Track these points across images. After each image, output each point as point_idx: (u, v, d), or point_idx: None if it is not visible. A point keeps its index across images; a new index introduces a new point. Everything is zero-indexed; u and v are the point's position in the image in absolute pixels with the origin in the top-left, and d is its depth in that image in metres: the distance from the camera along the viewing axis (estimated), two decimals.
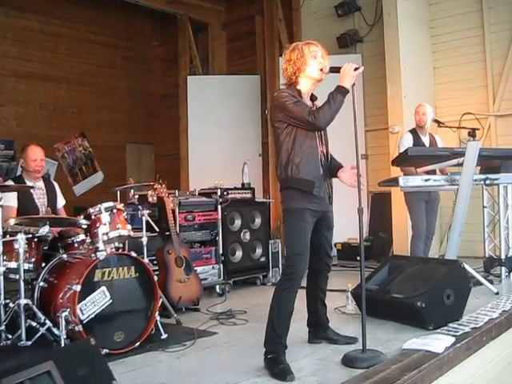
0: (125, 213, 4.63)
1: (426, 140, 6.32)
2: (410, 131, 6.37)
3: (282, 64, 3.89)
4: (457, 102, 8.13)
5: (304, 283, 3.88)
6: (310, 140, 3.73)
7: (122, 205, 4.65)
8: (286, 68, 3.81)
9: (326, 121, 3.64)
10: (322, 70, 3.75)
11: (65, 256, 4.52)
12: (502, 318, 4.34)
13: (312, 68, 3.76)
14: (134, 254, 4.35)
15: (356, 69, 3.63)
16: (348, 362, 3.53)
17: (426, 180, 5.56)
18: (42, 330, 4.02)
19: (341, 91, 3.62)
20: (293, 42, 4.02)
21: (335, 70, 3.72)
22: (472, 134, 5.44)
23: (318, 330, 4.12)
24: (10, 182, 5.05)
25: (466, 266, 4.75)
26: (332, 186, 3.91)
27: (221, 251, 6.45)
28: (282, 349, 3.61)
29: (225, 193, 6.54)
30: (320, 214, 3.80)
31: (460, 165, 5.51)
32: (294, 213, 3.72)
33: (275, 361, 3.52)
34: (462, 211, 5.41)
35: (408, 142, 6.16)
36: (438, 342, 3.67)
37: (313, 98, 3.93)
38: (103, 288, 4.09)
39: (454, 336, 3.84)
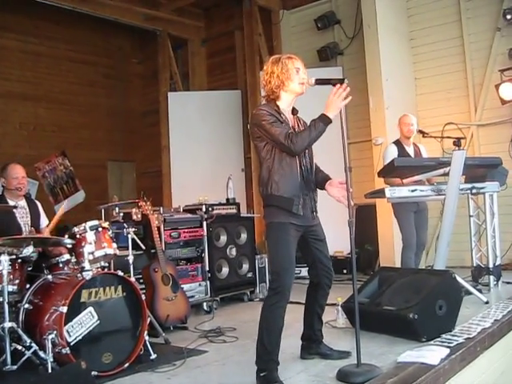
0: (110, 231, 4.56)
1: (410, 150, 6.29)
2: (394, 143, 6.34)
3: (263, 76, 3.84)
4: (438, 113, 8.17)
5: (293, 298, 3.82)
6: (290, 157, 3.70)
7: (108, 223, 4.58)
8: (269, 81, 3.76)
9: (303, 147, 3.64)
10: (302, 83, 3.74)
11: (49, 277, 4.43)
12: (494, 328, 4.31)
13: (295, 82, 3.74)
14: (120, 273, 4.26)
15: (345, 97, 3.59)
16: (343, 377, 3.47)
17: (413, 190, 5.54)
18: (28, 353, 3.91)
19: (324, 120, 3.58)
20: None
21: (321, 82, 3.72)
22: (457, 143, 5.43)
23: (311, 344, 4.06)
24: None
25: (456, 276, 4.71)
26: (316, 200, 3.87)
27: (207, 268, 6.39)
28: (274, 365, 3.55)
29: (210, 209, 6.49)
30: (304, 228, 3.76)
31: (446, 174, 5.50)
32: (276, 227, 3.68)
33: (268, 379, 3.46)
34: (449, 221, 5.39)
35: (393, 153, 6.12)
36: (432, 353, 3.62)
37: (294, 111, 3.90)
38: (90, 309, 4.00)
39: (448, 347, 3.80)
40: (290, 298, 3.64)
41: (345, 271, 8.02)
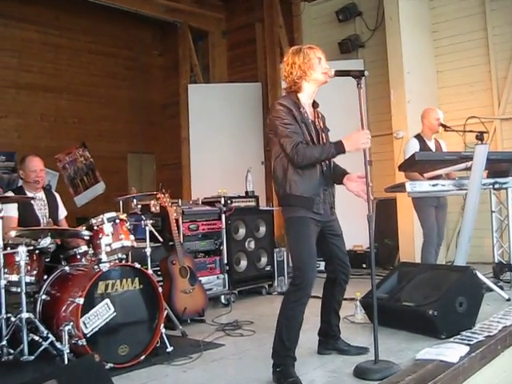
0: (128, 223, 4.55)
1: (431, 145, 6.21)
2: (416, 137, 6.24)
3: (284, 67, 3.77)
4: (461, 106, 8.03)
5: (313, 292, 3.77)
6: None
7: (125, 215, 4.57)
8: (291, 72, 3.69)
9: (305, 164, 3.55)
10: (325, 73, 3.68)
11: (67, 268, 4.44)
12: None
13: (318, 72, 3.67)
14: (137, 265, 4.25)
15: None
16: (360, 373, 3.42)
17: (434, 185, 5.46)
18: (45, 344, 3.93)
19: (338, 149, 3.52)
20: None
21: (341, 73, 3.68)
22: (480, 137, 5.32)
23: (329, 340, 4.02)
24: (10, 193, 4.96)
25: (477, 273, 4.64)
26: (334, 195, 3.82)
27: (225, 261, 6.37)
28: (291, 361, 3.50)
29: (228, 201, 6.46)
30: (322, 223, 3.70)
31: (468, 169, 5.41)
32: (296, 221, 3.61)
33: (284, 374, 3.42)
34: (471, 216, 5.30)
35: (414, 147, 6.03)
36: (451, 351, 3.57)
37: (314, 105, 3.84)
38: (107, 300, 4.00)
39: (467, 345, 3.74)
40: (311, 292, 3.58)
41: (364, 266, 7.97)
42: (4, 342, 3.90)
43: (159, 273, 5.42)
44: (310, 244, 3.59)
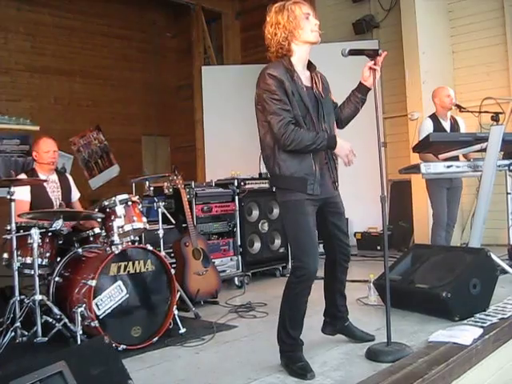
0: (140, 205, 4.55)
1: (447, 125, 6.14)
2: (430, 117, 6.19)
3: (267, 29, 3.37)
4: (477, 87, 7.93)
5: (319, 273, 3.67)
6: (299, 126, 3.27)
7: (137, 197, 4.57)
8: (275, 33, 3.29)
9: (291, 148, 3.23)
10: (315, 31, 3.33)
11: (80, 250, 4.46)
12: None
13: (306, 31, 3.29)
14: (150, 247, 4.26)
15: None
16: (372, 355, 3.40)
17: (449, 166, 5.42)
18: (58, 325, 3.97)
19: (330, 145, 3.28)
20: None
21: (355, 52, 3.47)
22: (495, 118, 5.27)
23: (336, 322, 3.83)
24: (23, 176, 4.97)
25: (492, 255, 4.59)
26: (337, 168, 3.53)
27: (239, 242, 6.36)
28: (298, 347, 3.39)
29: (242, 183, 6.44)
30: (321, 201, 3.41)
31: (483, 150, 5.35)
32: (292, 206, 3.33)
33: (292, 359, 3.34)
34: (485, 198, 5.25)
35: (428, 128, 5.97)
36: (465, 333, 3.54)
37: (311, 67, 3.48)
38: (119, 282, 4.02)
39: (481, 327, 3.71)
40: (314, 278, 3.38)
41: (378, 248, 7.93)
42: (18, 324, 3.92)
43: (172, 255, 5.43)
44: (310, 231, 3.32)
